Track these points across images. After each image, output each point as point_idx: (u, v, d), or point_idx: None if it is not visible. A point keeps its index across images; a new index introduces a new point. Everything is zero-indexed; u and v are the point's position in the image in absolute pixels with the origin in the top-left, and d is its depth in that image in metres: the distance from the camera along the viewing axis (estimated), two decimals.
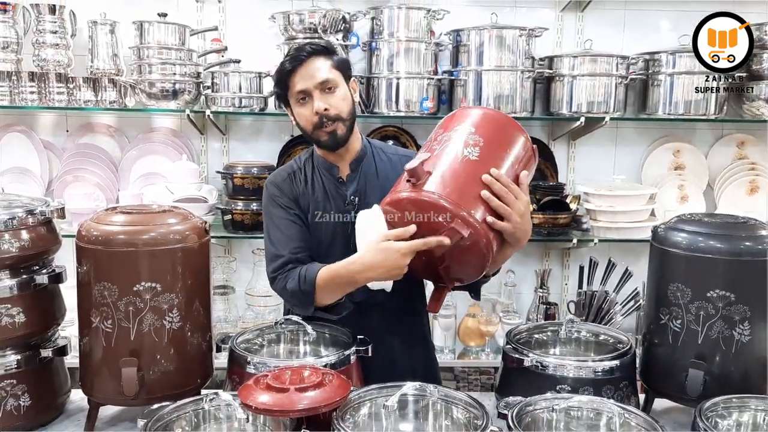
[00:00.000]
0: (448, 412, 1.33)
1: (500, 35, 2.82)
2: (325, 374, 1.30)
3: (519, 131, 1.53)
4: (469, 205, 1.39)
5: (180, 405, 1.32)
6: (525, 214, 1.46)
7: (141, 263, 1.44)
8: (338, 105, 1.68)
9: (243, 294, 3.08)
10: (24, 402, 1.51)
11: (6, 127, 3.04)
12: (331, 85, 1.68)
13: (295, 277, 1.65)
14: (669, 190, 3.15)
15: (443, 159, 1.44)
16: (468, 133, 1.47)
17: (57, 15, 2.84)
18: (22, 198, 1.66)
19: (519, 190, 1.44)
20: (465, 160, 1.43)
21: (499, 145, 1.48)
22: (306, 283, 1.62)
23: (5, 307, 1.47)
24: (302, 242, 1.73)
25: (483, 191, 1.40)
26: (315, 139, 1.73)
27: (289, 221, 1.74)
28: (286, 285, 1.66)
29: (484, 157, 1.44)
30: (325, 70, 1.68)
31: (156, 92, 2.79)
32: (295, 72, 1.68)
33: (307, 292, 1.62)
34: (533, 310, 3.10)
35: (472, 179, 1.41)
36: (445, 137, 1.48)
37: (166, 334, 1.47)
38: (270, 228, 1.76)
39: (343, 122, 1.69)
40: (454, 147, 1.45)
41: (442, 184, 1.39)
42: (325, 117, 1.67)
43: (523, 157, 1.51)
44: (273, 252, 1.73)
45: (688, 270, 1.50)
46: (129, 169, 3.06)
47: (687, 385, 1.49)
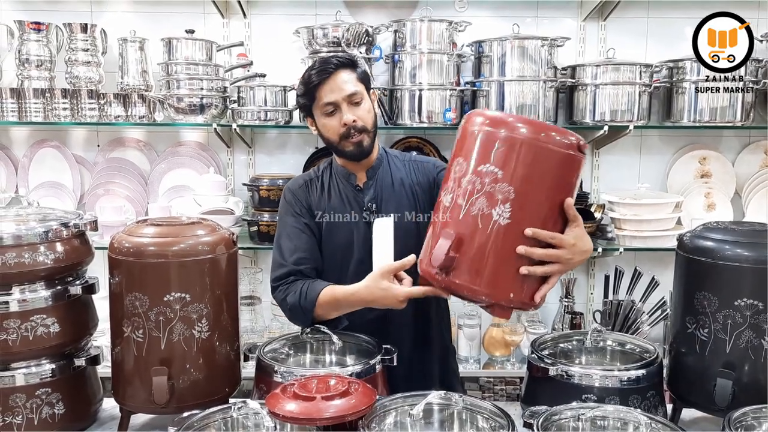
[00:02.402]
0: (473, 421, 1.34)
1: (522, 45, 2.83)
2: (351, 383, 1.31)
3: (555, 147, 1.29)
4: (508, 289, 1.27)
5: (209, 413, 1.34)
6: (575, 247, 1.36)
7: (171, 274, 1.48)
8: (364, 117, 1.74)
9: (269, 304, 3.11)
10: (58, 410, 1.55)
11: (40, 143, 3.13)
12: (358, 99, 1.73)
13: (296, 292, 1.70)
14: (695, 198, 3.12)
15: (472, 233, 1.27)
16: (494, 180, 1.27)
17: (88, 33, 2.93)
18: (56, 211, 1.71)
19: (561, 238, 1.32)
20: (496, 228, 1.27)
21: (532, 186, 1.28)
22: (306, 300, 1.68)
23: (41, 317, 1.52)
24: (308, 253, 1.78)
25: (522, 268, 1.28)
26: (340, 149, 1.77)
27: (298, 230, 1.80)
28: (287, 298, 1.72)
29: (517, 214, 1.27)
30: (351, 83, 1.73)
31: (184, 107, 2.85)
32: (323, 84, 1.73)
33: (306, 309, 1.68)
34: (558, 320, 3.08)
35: (507, 253, 1.26)
36: (470, 185, 1.29)
37: (195, 343, 1.50)
38: (281, 234, 1.83)
39: (368, 134, 1.75)
40: (482, 209, 1.27)
41: (474, 271, 1.27)
42: (353, 128, 1.72)
43: (562, 177, 1.32)
44: (278, 260, 1.79)
45: (715, 278, 1.49)
46: (158, 182, 3.12)
47: (715, 395, 1.47)
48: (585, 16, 3.10)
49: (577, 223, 1.37)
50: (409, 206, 1.81)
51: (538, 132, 1.29)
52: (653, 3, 3.12)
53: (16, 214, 1.62)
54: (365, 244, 1.78)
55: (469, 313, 3.02)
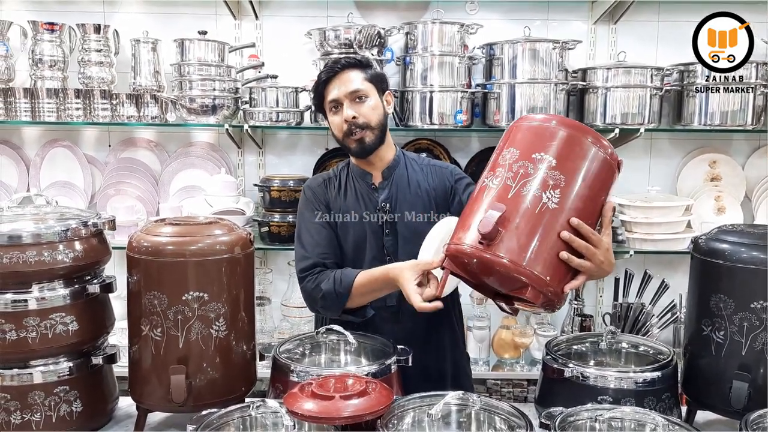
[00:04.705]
0: (491, 422, 1.34)
1: (533, 48, 2.83)
2: (368, 383, 1.32)
3: (602, 150, 1.36)
4: (546, 271, 1.26)
5: (228, 411, 1.35)
6: (607, 253, 1.37)
7: (189, 273, 1.49)
8: (367, 114, 1.76)
9: (279, 305, 3.12)
10: (76, 408, 1.56)
11: (52, 143, 3.15)
12: (361, 95, 1.76)
13: (330, 279, 1.73)
14: (705, 201, 3.12)
15: (519, 210, 1.28)
16: (549, 167, 1.31)
17: (101, 34, 2.95)
18: (73, 210, 1.72)
19: (599, 238, 1.34)
20: (543, 210, 1.28)
21: (581, 180, 1.32)
22: (342, 285, 1.71)
23: (59, 315, 1.53)
24: (329, 248, 1.81)
25: (562, 253, 1.29)
26: (346, 146, 1.81)
27: (319, 226, 1.82)
28: (320, 285, 1.74)
29: (564, 201, 1.29)
30: (357, 81, 1.76)
31: (196, 107, 2.86)
32: (330, 82, 1.77)
33: (341, 295, 1.71)
34: (568, 323, 3.08)
35: (550, 236, 1.28)
36: (522, 169, 1.32)
37: (212, 342, 1.51)
38: (302, 230, 1.85)
39: (372, 130, 1.76)
40: (532, 191, 1.29)
41: (518, 248, 1.26)
42: (354, 125, 1.75)
43: (605, 181, 1.37)
44: (302, 253, 1.82)
45: (731, 281, 1.49)
46: (169, 183, 3.14)
47: (731, 397, 1.47)
48: (596, 19, 3.11)
49: (608, 231, 1.39)
50: (424, 209, 1.82)
51: (592, 134, 1.37)
52: (664, 6, 3.13)
53: (33, 213, 1.63)
54: (378, 243, 1.80)
55: (478, 315, 3.02)
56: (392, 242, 1.81)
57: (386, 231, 1.81)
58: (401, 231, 1.80)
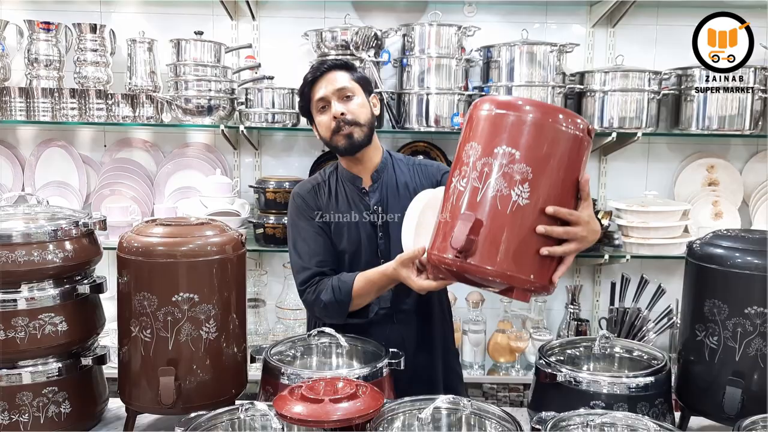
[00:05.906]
0: (481, 426, 1.33)
1: (531, 51, 2.83)
2: (358, 386, 1.31)
3: (568, 127, 1.29)
4: (528, 270, 1.25)
5: (216, 414, 1.33)
6: (589, 225, 1.34)
7: (180, 274, 1.48)
8: (355, 111, 1.76)
9: (273, 307, 3.11)
10: (65, 409, 1.54)
11: (47, 143, 3.13)
12: (348, 93, 1.77)
13: (328, 289, 1.72)
14: (703, 206, 3.11)
15: (491, 214, 1.25)
16: (513, 161, 1.25)
17: (97, 34, 2.94)
18: (65, 210, 1.71)
19: (578, 215, 1.31)
20: (515, 209, 1.24)
21: (550, 166, 1.27)
22: (342, 293, 1.70)
23: (49, 315, 1.52)
24: (327, 255, 1.80)
25: (542, 249, 1.26)
26: (334, 146, 1.80)
27: (314, 233, 1.81)
28: (320, 296, 1.73)
29: (535, 194, 1.25)
30: (344, 80, 1.77)
31: (192, 108, 2.85)
32: (316, 83, 1.78)
33: (343, 303, 1.71)
34: (564, 327, 3.07)
35: (527, 234, 1.25)
36: (486, 167, 1.27)
37: (202, 344, 1.50)
38: (296, 239, 1.83)
39: (360, 127, 1.76)
40: (501, 191, 1.25)
41: (496, 254, 1.23)
42: (343, 121, 1.74)
43: (576, 158, 1.31)
44: (300, 264, 1.80)
45: (725, 286, 1.48)
46: (164, 183, 3.13)
47: (724, 403, 1.46)
48: (594, 23, 3.10)
49: (588, 202, 1.36)
50: None
51: (554, 113, 1.30)
52: (662, 10, 3.12)
53: (24, 213, 1.62)
54: (372, 247, 1.79)
55: (474, 319, 3.01)
56: (386, 244, 1.80)
57: (380, 234, 1.80)
58: (394, 233, 1.79)
